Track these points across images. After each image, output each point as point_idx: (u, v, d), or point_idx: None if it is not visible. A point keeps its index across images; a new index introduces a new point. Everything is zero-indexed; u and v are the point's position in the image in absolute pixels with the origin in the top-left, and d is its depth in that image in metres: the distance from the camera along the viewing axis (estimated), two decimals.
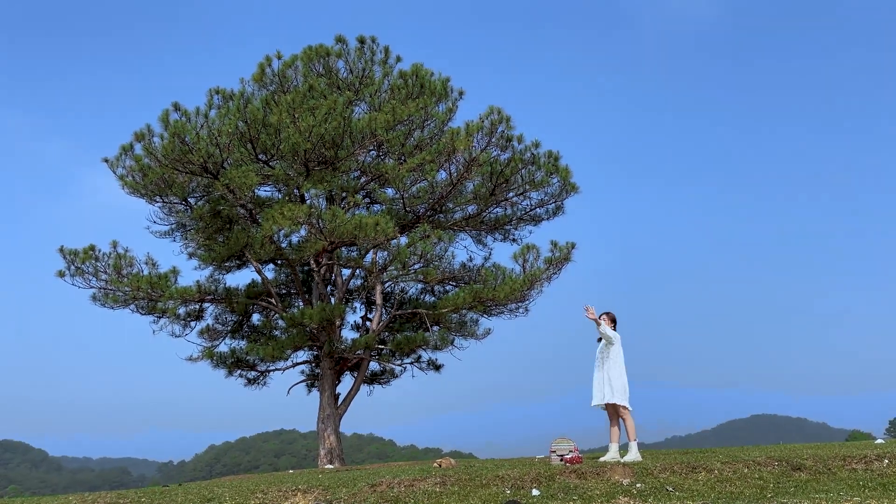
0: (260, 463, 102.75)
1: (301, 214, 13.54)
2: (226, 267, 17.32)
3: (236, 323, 17.75)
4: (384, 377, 18.82)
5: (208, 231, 15.69)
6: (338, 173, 15.10)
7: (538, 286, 15.45)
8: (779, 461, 8.27)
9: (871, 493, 6.89)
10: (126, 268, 15.20)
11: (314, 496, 8.05)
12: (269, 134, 14.19)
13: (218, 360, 16.63)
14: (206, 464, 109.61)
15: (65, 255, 15.08)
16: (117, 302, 15.59)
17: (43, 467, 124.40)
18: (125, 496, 8.94)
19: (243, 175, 13.71)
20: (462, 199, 15.94)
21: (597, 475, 7.99)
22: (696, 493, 7.27)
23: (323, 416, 15.95)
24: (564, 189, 16.10)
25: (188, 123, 13.88)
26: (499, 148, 15.16)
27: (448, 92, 15.93)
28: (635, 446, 9.48)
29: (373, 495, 7.82)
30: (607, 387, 9.47)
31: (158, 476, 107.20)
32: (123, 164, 14.92)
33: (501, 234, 17.47)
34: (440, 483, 7.99)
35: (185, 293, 15.43)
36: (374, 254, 15.49)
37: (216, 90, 14.99)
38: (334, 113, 14.08)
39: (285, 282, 18.24)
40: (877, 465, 8.01)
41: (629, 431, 9.45)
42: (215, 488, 9.39)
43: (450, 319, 16.58)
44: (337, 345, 15.95)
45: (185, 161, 13.88)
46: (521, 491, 7.65)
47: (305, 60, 16.47)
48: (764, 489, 7.39)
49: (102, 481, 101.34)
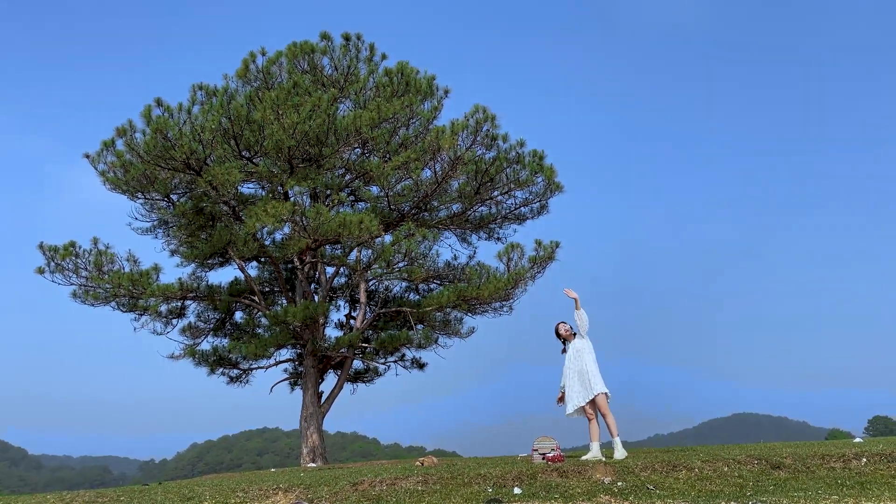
0: (242, 461, 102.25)
1: (285, 212, 13.48)
2: (208, 264, 17.22)
3: (219, 321, 17.66)
4: (368, 375, 18.80)
5: (191, 228, 15.59)
6: (322, 171, 15.05)
7: (522, 285, 15.50)
8: (758, 460, 8.33)
9: (849, 492, 6.96)
10: (107, 265, 15.08)
11: (295, 495, 8.02)
12: (252, 131, 14.11)
13: (200, 358, 16.55)
14: (188, 462, 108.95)
15: (45, 251, 14.93)
16: (98, 299, 15.46)
17: (22, 465, 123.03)
18: (104, 495, 8.86)
19: (226, 172, 13.63)
20: (447, 197, 15.95)
21: (578, 473, 8.01)
22: (676, 492, 7.31)
23: (306, 414, 15.90)
24: (549, 188, 16.15)
25: (171, 119, 13.77)
26: (484, 147, 15.19)
27: (433, 90, 15.93)
28: (619, 442, 9.39)
29: (354, 494, 7.80)
30: (583, 384, 9.39)
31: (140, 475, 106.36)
32: (105, 159, 14.79)
33: (486, 232, 17.49)
34: (422, 482, 7.98)
35: (166, 290, 15.34)
36: (359, 252, 15.47)
37: (199, 86, 14.92)
38: (319, 110, 14.03)
39: (269, 279, 18.17)
40: (855, 464, 8.09)
41: (611, 428, 9.35)
42: (196, 487, 9.33)
43: (434, 318, 16.60)
44: (320, 343, 15.90)
45: (167, 157, 13.77)
46: (502, 489, 7.65)
47: (290, 57, 16.40)
48: (743, 488, 7.45)
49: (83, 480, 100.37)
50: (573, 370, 9.52)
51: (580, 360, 9.49)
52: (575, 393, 9.49)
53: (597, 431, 9.53)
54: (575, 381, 9.48)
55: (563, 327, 9.74)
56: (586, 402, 9.41)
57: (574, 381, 9.50)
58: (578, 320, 9.55)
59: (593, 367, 9.43)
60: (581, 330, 9.56)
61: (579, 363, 9.48)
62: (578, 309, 9.52)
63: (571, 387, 9.52)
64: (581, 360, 9.48)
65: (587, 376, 9.38)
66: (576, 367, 9.50)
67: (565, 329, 9.72)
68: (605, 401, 9.39)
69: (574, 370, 9.51)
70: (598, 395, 9.33)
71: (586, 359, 9.46)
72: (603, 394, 9.35)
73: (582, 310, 9.54)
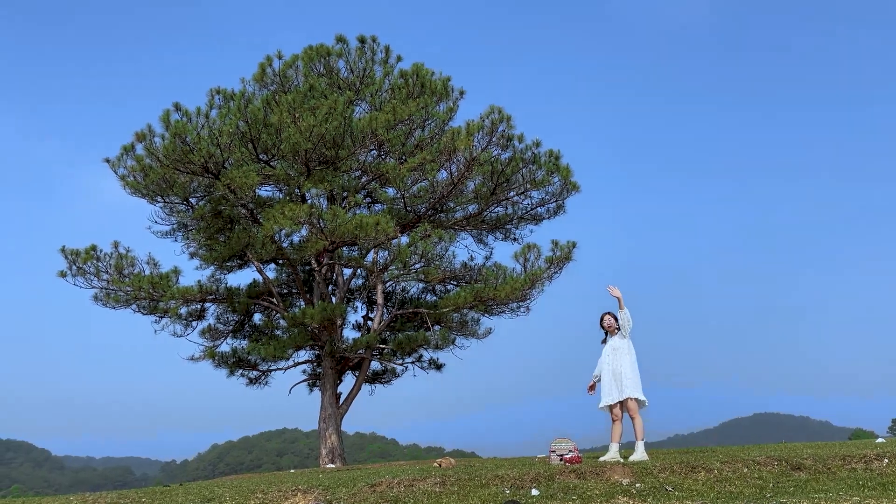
0: (262, 462, 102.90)
1: (302, 214, 13.56)
2: (227, 267, 17.35)
3: (238, 323, 17.79)
4: (385, 377, 18.84)
5: (209, 231, 15.72)
6: (338, 173, 15.11)
7: (539, 285, 15.46)
8: (778, 461, 8.26)
9: (871, 493, 6.89)
10: (127, 268, 15.24)
11: (314, 496, 8.07)
12: (269, 134, 14.20)
13: (219, 359, 16.66)
14: (208, 463, 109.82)
15: (66, 255, 15.11)
16: (119, 302, 15.63)
17: (46, 467, 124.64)
18: (126, 496, 8.97)
19: (244, 175, 13.73)
20: (463, 198, 15.94)
21: (596, 475, 8.00)
22: (695, 493, 7.27)
23: (324, 415, 15.98)
24: (565, 188, 16.09)
25: (189, 123, 13.90)
26: (499, 147, 15.16)
27: (449, 91, 15.94)
28: (642, 446, 9.31)
29: (372, 495, 7.84)
30: (616, 384, 9.33)
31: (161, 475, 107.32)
32: (125, 164, 14.94)
33: (502, 233, 17.47)
34: (440, 483, 8.00)
35: (186, 293, 15.47)
36: (376, 253, 15.51)
37: (217, 90, 15.01)
38: (335, 113, 14.09)
39: (286, 281, 18.27)
40: (876, 465, 8.00)
41: (637, 430, 9.27)
42: (216, 488, 9.42)
43: (451, 319, 16.60)
44: (338, 344, 15.97)
45: (186, 161, 13.90)
46: (520, 491, 7.66)
47: (306, 60, 16.50)
48: (763, 489, 7.39)
49: (105, 481, 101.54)
50: (608, 367, 9.49)
51: (616, 360, 9.42)
52: (606, 391, 9.48)
53: (619, 434, 9.47)
54: (609, 379, 9.46)
55: (608, 319, 9.67)
56: (616, 402, 9.37)
57: (608, 378, 9.48)
58: (622, 320, 9.48)
59: (630, 371, 9.34)
60: (624, 330, 9.49)
61: (615, 363, 9.42)
62: (622, 308, 9.45)
63: (605, 383, 9.51)
64: (617, 361, 9.41)
65: (621, 378, 9.32)
66: (611, 365, 9.47)
67: (608, 322, 9.66)
68: (636, 406, 9.32)
69: (609, 368, 9.48)
70: (629, 400, 9.29)
71: (624, 360, 9.38)
72: (634, 399, 9.30)
73: (626, 309, 9.46)
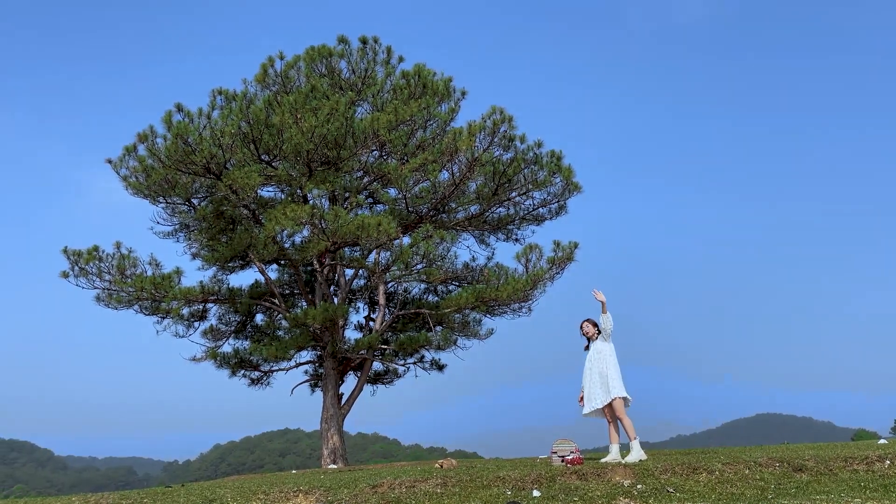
0: (265, 462, 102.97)
1: (304, 215, 13.57)
2: (229, 267, 17.37)
3: (240, 323, 17.81)
4: (387, 377, 18.86)
5: (211, 231, 15.74)
6: (340, 174, 15.13)
7: (541, 286, 15.47)
8: (780, 462, 8.25)
9: (872, 495, 6.88)
10: (130, 268, 15.27)
11: (315, 497, 8.07)
12: (271, 134, 14.22)
13: (221, 360, 16.69)
14: (210, 463, 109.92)
15: (69, 255, 15.15)
16: (121, 302, 15.66)
17: (48, 467, 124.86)
18: (128, 497, 8.98)
19: (246, 176, 13.75)
20: (465, 198, 15.95)
21: (598, 476, 7.99)
22: (696, 495, 7.27)
23: (326, 416, 15.99)
24: (567, 188, 16.10)
25: (191, 124, 13.92)
26: (501, 148, 15.17)
27: (450, 92, 15.95)
28: (637, 445, 9.36)
29: (374, 496, 7.84)
30: (603, 385, 9.39)
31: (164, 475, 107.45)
32: (127, 164, 14.96)
33: (504, 233, 17.48)
34: (441, 484, 8.01)
35: (188, 293, 15.49)
36: (377, 254, 15.51)
37: (219, 91, 15.04)
38: (337, 113, 14.10)
39: (288, 282, 18.29)
40: (878, 466, 7.99)
41: (627, 430, 9.32)
42: (217, 489, 9.42)
43: (453, 319, 16.61)
44: (340, 345, 15.98)
45: (188, 162, 13.92)
46: (521, 492, 7.66)
47: (308, 61, 16.52)
48: (765, 490, 7.38)
49: (108, 481, 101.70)
50: (594, 371, 9.52)
51: (602, 362, 9.48)
52: (594, 395, 9.49)
53: (616, 434, 9.52)
54: (596, 383, 9.47)
55: (587, 326, 9.73)
56: (604, 404, 9.40)
57: (595, 382, 9.49)
58: (603, 323, 9.55)
59: (614, 371, 9.41)
60: (605, 334, 9.56)
61: (601, 364, 9.48)
62: (605, 313, 9.55)
63: (591, 388, 9.51)
64: (602, 363, 9.47)
65: (608, 379, 9.37)
66: (597, 368, 9.50)
67: (587, 328, 9.71)
68: (622, 405, 9.38)
69: (595, 371, 9.51)
70: (615, 400, 9.32)
71: (608, 361, 9.45)
72: (621, 398, 9.34)
73: (608, 314, 9.56)
